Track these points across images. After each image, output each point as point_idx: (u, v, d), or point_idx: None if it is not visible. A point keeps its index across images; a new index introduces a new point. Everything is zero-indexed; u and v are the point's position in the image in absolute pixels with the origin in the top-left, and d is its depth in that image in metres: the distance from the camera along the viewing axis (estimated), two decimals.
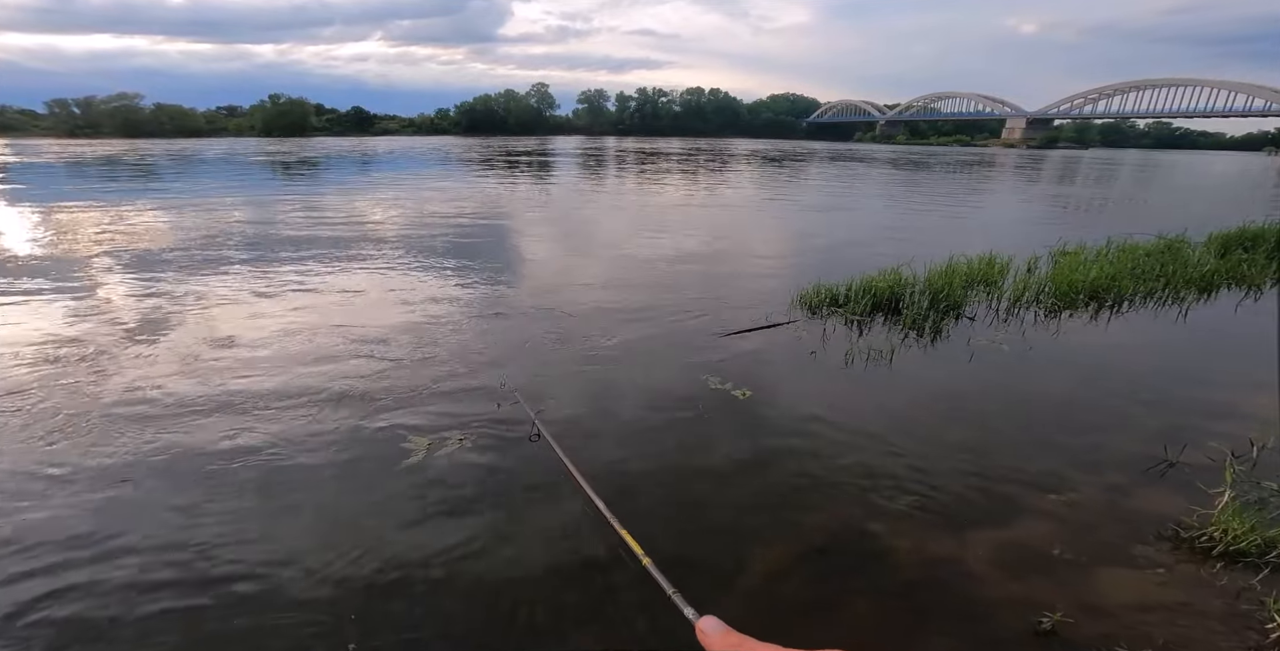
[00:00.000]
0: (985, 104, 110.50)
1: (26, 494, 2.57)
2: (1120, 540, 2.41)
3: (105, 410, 3.31)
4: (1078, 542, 2.38)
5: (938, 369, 4.22)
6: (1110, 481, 2.83)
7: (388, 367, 3.97)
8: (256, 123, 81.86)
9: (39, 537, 2.31)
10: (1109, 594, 2.13)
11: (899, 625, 2.01)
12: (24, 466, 2.77)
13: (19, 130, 68.46)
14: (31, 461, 2.81)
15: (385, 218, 10.86)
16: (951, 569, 2.25)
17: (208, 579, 2.12)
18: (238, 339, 4.47)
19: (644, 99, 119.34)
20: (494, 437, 3.11)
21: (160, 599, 2.03)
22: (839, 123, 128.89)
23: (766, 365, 4.21)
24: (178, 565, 2.19)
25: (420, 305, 5.45)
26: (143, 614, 1.97)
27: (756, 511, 2.58)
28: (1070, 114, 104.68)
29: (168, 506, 2.51)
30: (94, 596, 2.03)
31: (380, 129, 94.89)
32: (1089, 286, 5.84)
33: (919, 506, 2.59)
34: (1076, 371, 4.21)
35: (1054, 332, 4.98)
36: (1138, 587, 2.17)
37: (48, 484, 2.64)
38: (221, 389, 3.60)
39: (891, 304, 5.43)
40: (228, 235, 8.80)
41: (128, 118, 72.01)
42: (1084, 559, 2.29)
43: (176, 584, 2.10)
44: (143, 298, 5.56)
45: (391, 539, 2.34)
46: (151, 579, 2.11)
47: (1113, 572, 2.24)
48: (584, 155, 37.17)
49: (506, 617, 1.98)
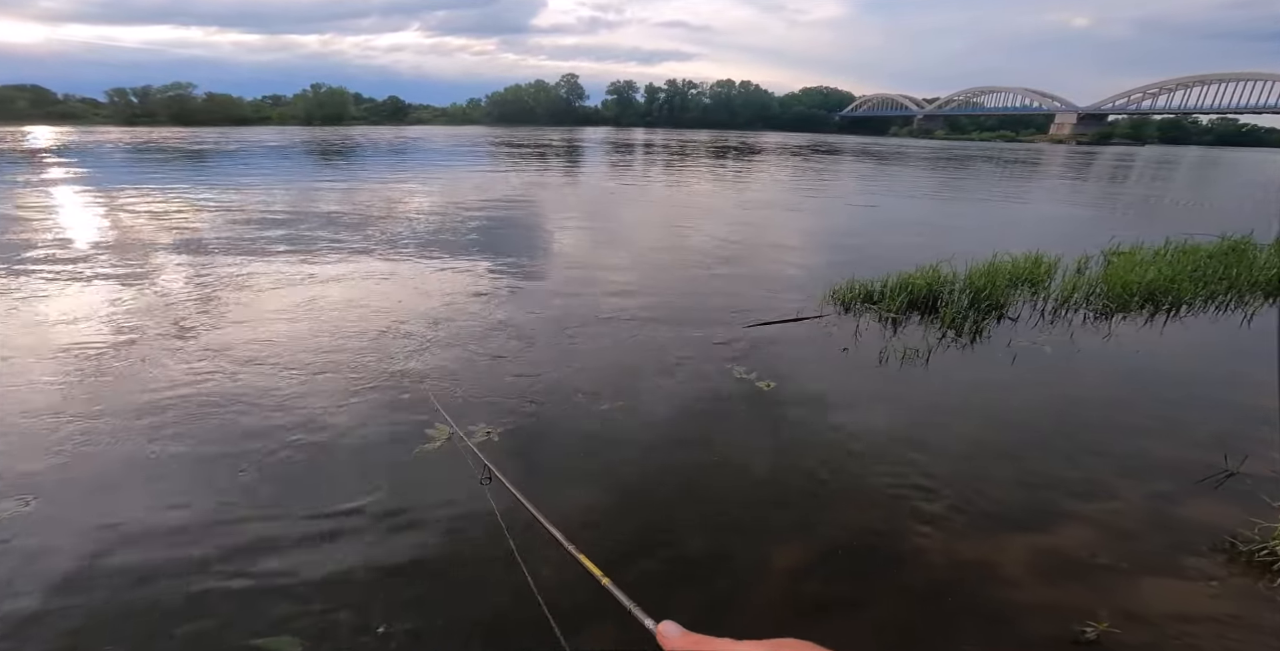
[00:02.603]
0: (1033, 98, 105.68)
1: (129, 432, 2.72)
2: (1169, 550, 2.30)
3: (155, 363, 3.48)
4: (1123, 551, 2.28)
5: (976, 370, 4.08)
6: (1159, 489, 2.70)
7: (418, 348, 4.05)
8: (299, 112, 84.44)
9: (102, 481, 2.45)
10: (1155, 604, 2.04)
11: (926, 627, 1.96)
12: (130, 407, 2.93)
13: (81, 118, 72.04)
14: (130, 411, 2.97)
15: (424, 206, 11.06)
16: (985, 573, 2.18)
17: (236, 553, 2.18)
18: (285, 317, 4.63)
19: (673, 91, 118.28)
20: (523, 429, 3.14)
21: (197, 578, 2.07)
22: (873, 117, 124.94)
23: (796, 359, 4.14)
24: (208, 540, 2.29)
25: (461, 291, 5.54)
26: (170, 588, 2.02)
27: (780, 506, 2.54)
28: (1126, 109, 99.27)
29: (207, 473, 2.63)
30: (123, 574, 2.08)
31: (414, 118, 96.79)
32: (1144, 288, 5.55)
33: (952, 508, 2.52)
34: (1127, 376, 4.02)
35: (1104, 335, 4.75)
36: (1187, 599, 2.07)
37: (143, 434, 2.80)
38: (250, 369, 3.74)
39: (929, 302, 5.27)
40: (305, 216, 9.10)
41: (182, 107, 75.05)
42: (1130, 567, 2.19)
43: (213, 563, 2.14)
44: (203, 275, 5.80)
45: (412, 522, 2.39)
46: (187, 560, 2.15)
47: (1160, 583, 2.13)
48: (613, 146, 37.10)
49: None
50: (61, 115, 72.45)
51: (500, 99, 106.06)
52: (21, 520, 2.31)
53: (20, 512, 2.34)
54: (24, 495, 2.45)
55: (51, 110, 73.23)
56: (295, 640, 1.79)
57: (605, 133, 67.06)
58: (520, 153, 28.02)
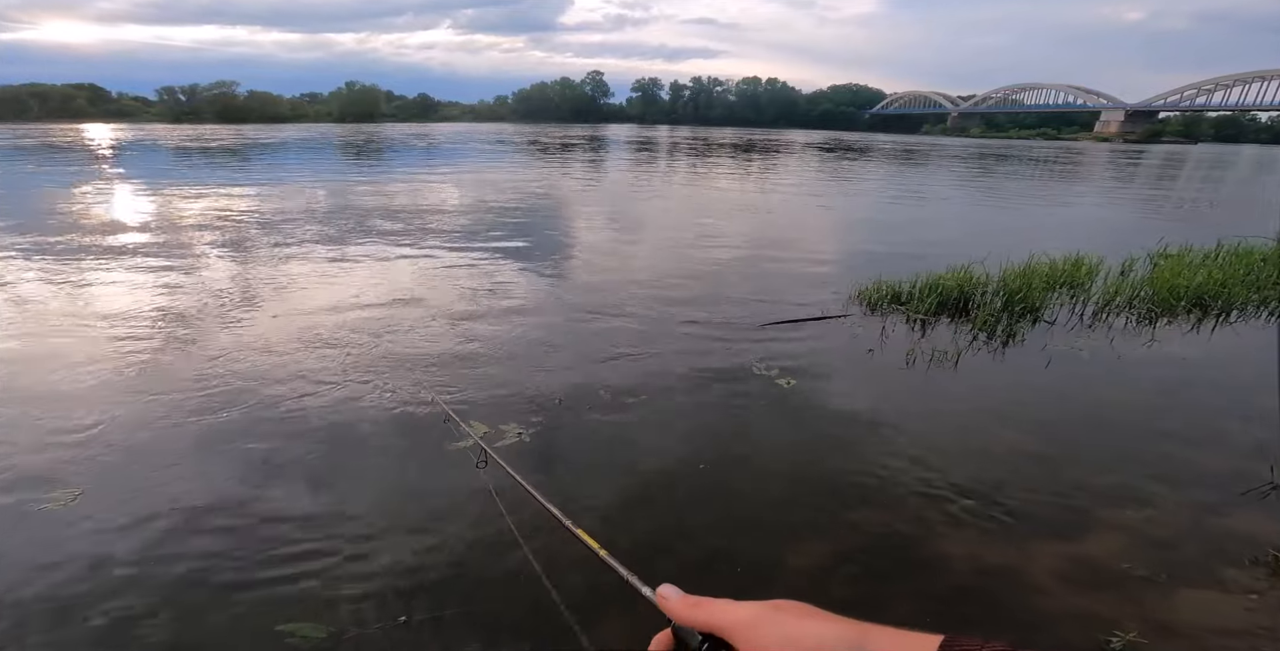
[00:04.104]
0: (1077, 95, 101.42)
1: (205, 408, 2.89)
2: (1206, 561, 2.22)
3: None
4: (1157, 560, 2.21)
5: (1009, 374, 3.98)
6: (1198, 499, 2.60)
7: (446, 348, 4.15)
8: (334, 109, 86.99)
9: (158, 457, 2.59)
10: (1188, 616, 1.97)
11: (947, 631, 1.92)
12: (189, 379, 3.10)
13: (133, 116, 75.56)
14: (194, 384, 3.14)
15: (451, 202, 11.28)
16: (1009, 579, 2.14)
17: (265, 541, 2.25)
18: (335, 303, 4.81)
19: (698, 88, 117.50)
20: (546, 427, 3.20)
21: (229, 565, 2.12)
22: (905, 115, 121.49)
23: (820, 358, 4.11)
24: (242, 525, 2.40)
25: (490, 287, 5.65)
26: (197, 570, 2.08)
27: (800, 505, 2.53)
28: (1178, 106, 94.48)
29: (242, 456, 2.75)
30: (152, 558, 2.15)
31: (442, 115, 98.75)
32: (1192, 292, 5.31)
33: (976, 513, 2.47)
34: (1169, 383, 3.87)
35: (1147, 341, 4.57)
36: (1222, 611, 1.99)
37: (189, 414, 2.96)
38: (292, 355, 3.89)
39: (960, 304, 5.15)
40: (343, 210, 9.40)
41: (225, 104, 77.99)
42: (1163, 578, 2.12)
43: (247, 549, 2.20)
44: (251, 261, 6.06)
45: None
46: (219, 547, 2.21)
47: (1195, 594, 2.06)
48: (637, 144, 37.10)
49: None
50: (116, 113, 76.13)
51: (526, 96, 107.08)
52: (42, 513, 2.45)
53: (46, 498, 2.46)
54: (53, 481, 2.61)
55: (107, 108, 77.03)
56: (319, 625, 1.84)
57: (629, 130, 67.09)
58: (545, 150, 28.27)
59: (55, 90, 75.02)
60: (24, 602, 1.92)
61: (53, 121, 61.23)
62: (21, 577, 2.02)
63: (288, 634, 1.82)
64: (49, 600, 1.93)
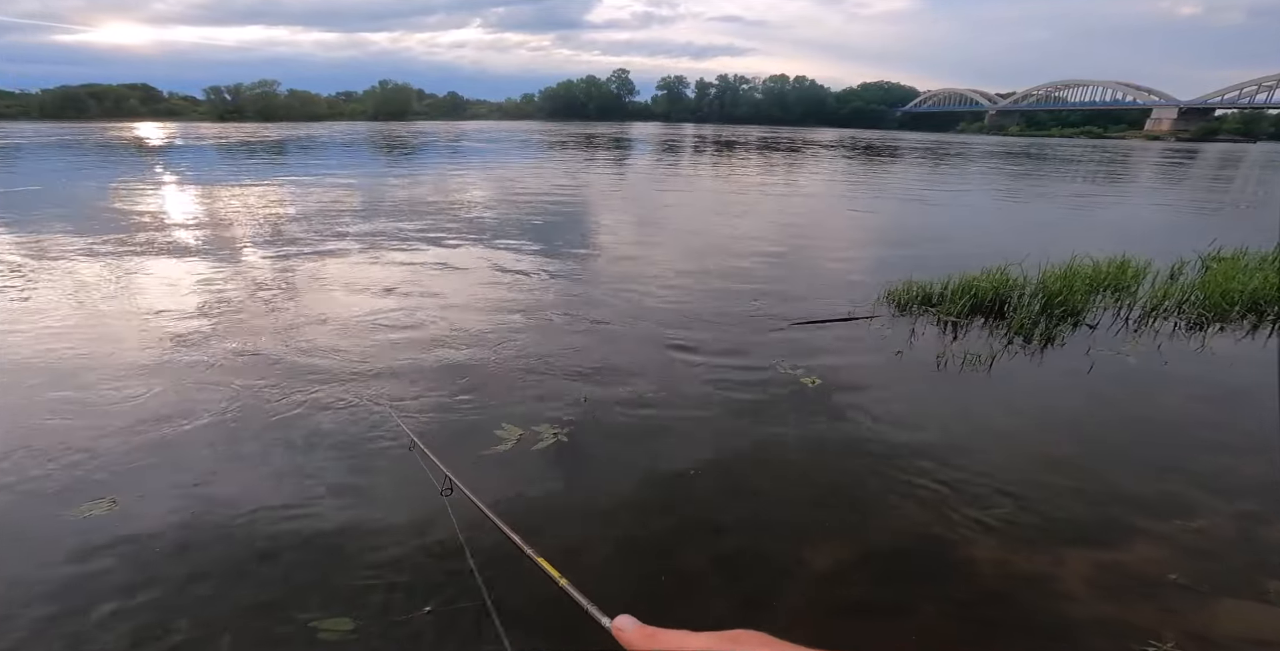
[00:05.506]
0: (1126, 92, 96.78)
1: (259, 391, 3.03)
2: (1249, 572, 2.14)
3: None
4: (1197, 571, 2.13)
5: (1046, 378, 3.86)
6: (1244, 509, 2.49)
7: (471, 348, 4.24)
8: (368, 107, 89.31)
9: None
10: (1229, 627, 1.90)
11: (973, 637, 1.90)
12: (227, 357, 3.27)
13: (181, 115, 78.87)
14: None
15: (482, 199, 11.48)
16: (1040, 586, 2.09)
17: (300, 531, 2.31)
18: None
19: (724, 86, 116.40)
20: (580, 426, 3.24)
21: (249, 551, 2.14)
22: (937, 112, 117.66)
23: (847, 359, 4.06)
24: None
25: (514, 283, 5.76)
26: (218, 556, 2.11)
27: (823, 506, 2.51)
28: (1237, 103, 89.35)
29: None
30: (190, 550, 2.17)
31: (471, 113, 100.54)
32: (1247, 297, 5.05)
33: (1007, 519, 2.41)
34: (1219, 390, 3.70)
35: (1196, 347, 4.38)
36: (1266, 624, 1.92)
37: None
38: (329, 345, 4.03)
39: (995, 306, 5.01)
40: (378, 204, 9.69)
41: (267, 103, 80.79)
42: (1203, 588, 2.05)
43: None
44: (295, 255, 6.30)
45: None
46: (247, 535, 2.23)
47: (1236, 605, 1.99)
48: (663, 142, 36.99)
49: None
50: (166, 112, 79.56)
51: (552, 94, 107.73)
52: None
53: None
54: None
55: (157, 108, 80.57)
56: (347, 619, 1.85)
57: (654, 128, 66.80)
58: (571, 148, 28.44)
59: (111, 90, 78.84)
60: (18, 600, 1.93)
61: (108, 120, 64.29)
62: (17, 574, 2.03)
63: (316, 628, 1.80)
64: (49, 600, 1.93)
